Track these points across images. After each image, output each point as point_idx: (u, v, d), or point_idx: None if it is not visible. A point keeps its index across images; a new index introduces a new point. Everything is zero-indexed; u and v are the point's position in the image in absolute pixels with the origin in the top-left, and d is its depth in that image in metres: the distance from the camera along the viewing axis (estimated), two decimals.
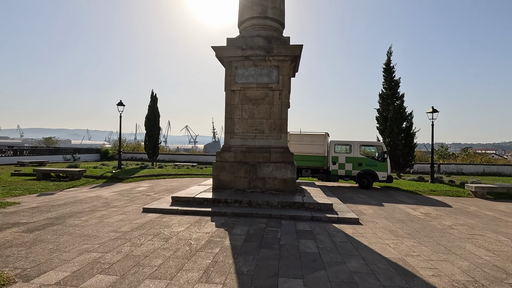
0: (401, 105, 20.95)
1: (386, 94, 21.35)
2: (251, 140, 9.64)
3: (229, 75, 9.77)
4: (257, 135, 9.62)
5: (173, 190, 11.93)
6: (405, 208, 9.44)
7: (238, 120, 9.71)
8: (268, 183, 9.22)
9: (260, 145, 9.58)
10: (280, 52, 9.35)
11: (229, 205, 8.21)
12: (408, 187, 14.75)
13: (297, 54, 9.32)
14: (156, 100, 23.23)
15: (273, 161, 9.33)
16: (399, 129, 20.38)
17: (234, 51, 9.49)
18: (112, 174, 15.70)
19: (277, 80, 9.56)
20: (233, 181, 9.35)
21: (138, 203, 8.98)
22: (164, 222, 6.83)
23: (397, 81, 21.42)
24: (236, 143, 9.70)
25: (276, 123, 9.58)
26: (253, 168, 9.27)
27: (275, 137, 9.57)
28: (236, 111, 9.72)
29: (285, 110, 9.56)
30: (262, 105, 9.62)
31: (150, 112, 22.82)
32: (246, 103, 9.68)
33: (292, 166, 9.17)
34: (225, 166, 9.42)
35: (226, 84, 9.80)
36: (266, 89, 9.60)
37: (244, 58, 9.60)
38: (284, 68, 9.57)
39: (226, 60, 9.76)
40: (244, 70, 9.70)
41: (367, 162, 14.28)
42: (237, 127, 9.72)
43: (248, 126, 9.67)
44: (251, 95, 9.65)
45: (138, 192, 11.23)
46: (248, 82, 9.64)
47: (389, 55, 21.74)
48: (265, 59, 9.53)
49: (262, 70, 9.63)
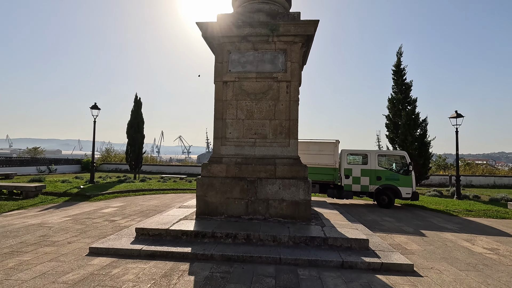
0: (414, 110, 18.87)
1: (397, 99, 19.26)
2: (249, 148, 7.18)
3: (220, 62, 7.38)
4: (258, 141, 7.18)
5: (149, 212, 9.32)
6: (457, 240, 7.00)
7: (232, 121, 7.27)
8: (272, 207, 6.72)
9: (262, 155, 7.12)
10: (289, 31, 7.02)
11: (219, 240, 5.66)
12: (435, 205, 12.37)
13: (311, 33, 7.02)
14: (140, 104, 20.71)
15: (280, 177, 6.86)
16: (413, 137, 18.20)
17: (226, 30, 7.13)
18: (79, 190, 12.98)
19: (283, 68, 7.20)
20: (225, 205, 6.82)
21: (92, 235, 6.38)
22: (115, 275, 4.26)
23: (409, 84, 19.40)
24: (229, 151, 7.23)
25: (283, 125, 7.15)
26: (252, 186, 6.78)
27: (282, 144, 7.13)
28: (229, 109, 7.29)
29: (294, 107, 7.16)
30: (264, 101, 7.22)
31: (133, 118, 20.23)
32: (242, 98, 7.27)
33: (306, 184, 6.71)
34: (214, 183, 6.90)
35: (216, 73, 7.40)
36: (269, 79, 7.22)
37: (240, 39, 7.25)
38: (294, 53, 7.23)
39: (216, 42, 7.39)
40: (240, 55, 7.33)
41: (387, 175, 11.89)
42: (230, 131, 7.27)
43: (245, 129, 7.23)
44: (249, 88, 7.25)
45: (101, 216, 8.59)
46: (245, 71, 7.26)
47: (399, 56, 19.80)
48: (268, 40, 7.19)
49: (264, 55, 7.28)
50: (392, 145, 19.92)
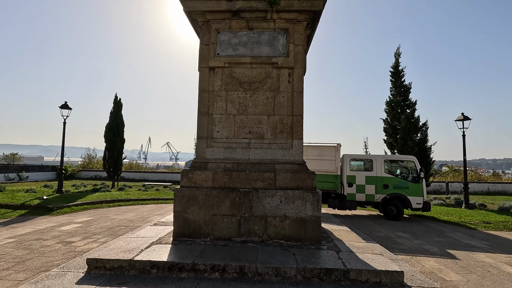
0: (413, 113, 17.89)
1: (395, 101, 18.26)
2: (242, 151, 5.71)
3: (206, 44, 5.94)
4: (253, 142, 5.72)
5: (120, 229, 7.67)
6: (497, 264, 5.69)
7: (221, 117, 5.79)
8: (272, 225, 5.24)
9: (258, 159, 5.66)
10: (292, 5, 5.67)
11: (201, 275, 4.13)
12: (446, 216, 11.16)
13: (319, 8, 5.69)
14: (121, 106, 18.94)
15: (281, 187, 5.41)
16: (414, 142, 17.16)
17: (214, 3, 5.71)
18: (41, 201, 11.11)
19: (285, 52, 5.82)
20: (210, 223, 5.30)
21: (30, 268, 4.72)
22: None
23: (408, 86, 18.47)
24: (217, 155, 5.74)
25: (285, 122, 5.73)
26: (246, 199, 5.29)
27: (283, 146, 5.70)
28: (217, 102, 5.82)
29: (298, 100, 5.77)
30: (260, 91, 5.79)
31: (112, 121, 18.42)
32: (233, 88, 5.82)
33: (314, 196, 5.27)
34: (197, 195, 5.37)
35: (201, 58, 5.94)
36: (267, 65, 5.82)
37: (232, 15, 5.84)
38: (297, 33, 5.87)
39: (202, 19, 5.95)
40: (231, 35, 5.91)
41: (395, 183, 10.62)
42: (218, 129, 5.78)
43: (237, 126, 5.77)
44: (242, 76, 5.82)
45: (56, 235, 6.88)
46: (237, 55, 5.84)
47: (397, 56, 18.90)
48: (266, 17, 5.81)
49: (261, 36, 5.88)
50: (391, 150, 18.86)
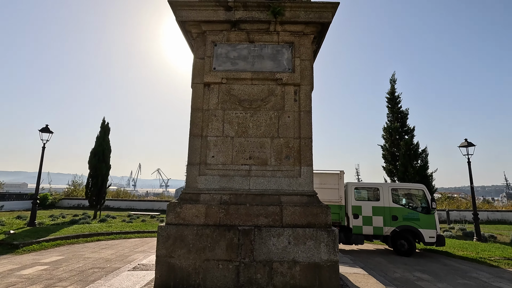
0: (412, 140, 17.48)
1: (393, 127, 17.89)
2: (241, 180, 4.81)
3: (201, 57, 5.24)
4: (254, 169, 4.84)
5: (93, 272, 6.41)
6: None
7: (216, 140, 4.95)
8: (279, 273, 4.21)
9: (260, 190, 4.75)
10: (298, 16, 5.10)
11: None
12: (461, 250, 10.19)
13: (327, 20, 5.13)
14: (108, 130, 17.94)
15: (289, 224, 4.46)
16: (414, 169, 16.55)
17: (211, 12, 5.10)
18: (6, 236, 9.70)
19: (290, 67, 5.16)
20: (202, 271, 4.24)
21: None
22: None
23: (405, 112, 18.23)
24: (211, 184, 4.81)
25: (291, 146, 4.92)
26: (247, 240, 4.30)
27: (290, 173, 4.83)
28: (213, 123, 5.00)
29: (306, 120, 5.01)
30: (262, 111, 5.03)
31: (98, 146, 17.30)
32: (232, 107, 5.05)
33: (330, 236, 4.33)
34: (186, 235, 4.36)
35: (194, 72, 5.21)
36: (270, 82, 5.12)
37: (230, 26, 5.21)
38: (303, 47, 5.25)
39: (196, 30, 5.31)
40: (230, 48, 5.25)
41: (404, 214, 9.72)
42: (213, 153, 4.91)
43: (236, 151, 4.91)
44: (241, 93, 5.08)
45: (11, 284, 5.60)
46: (236, 70, 5.14)
47: (392, 83, 18.84)
48: (268, 29, 5.21)
49: (263, 49, 5.24)
50: (390, 177, 18.17)
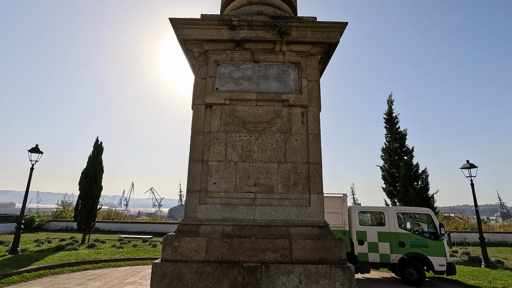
0: (411, 160, 17.29)
1: (392, 148, 17.74)
2: (245, 209, 4.39)
3: (203, 77, 4.97)
4: (259, 198, 4.44)
5: None
6: None
7: (218, 165, 4.57)
8: None
9: (267, 220, 4.33)
10: (304, 36, 4.92)
11: None
12: (472, 279, 9.68)
13: (335, 40, 4.96)
14: (101, 150, 17.43)
15: (299, 260, 4.01)
16: (415, 191, 16.24)
17: (214, 31, 4.90)
18: None
19: (297, 88, 4.91)
20: None
21: None
22: None
23: (403, 133, 18.18)
24: (212, 214, 4.38)
25: (299, 172, 4.56)
26: (252, 279, 3.83)
27: (299, 202, 4.44)
28: (215, 146, 4.65)
29: (315, 144, 4.69)
30: (268, 134, 4.71)
31: (90, 166, 16.71)
32: (235, 129, 4.72)
33: (346, 273, 3.89)
34: (184, 274, 3.87)
35: (195, 93, 4.92)
36: (276, 103, 4.84)
37: (234, 46, 5.00)
38: (310, 68, 5.04)
39: (198, 49, 5.07)
40: (234, 68, 5.00)
41: (412, 240, 9.27)
42: (215, 180, 4.52)
43: (240, 177, 4.53)
44: (246, 115, 4.77)
45: None
46: (240, 90, 4.86)
47: (390, 104, 18.93)
48: (274, 49, 5.01)
49: (268, 69, 5.00)
50: (391, 199, 17.80)
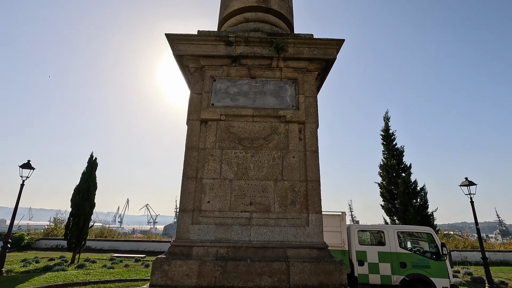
0: (409, 177, 17.16)
1: (390, 165, 17.64)
2: (240, 229, 4.18)
3: (198, 93, 4.88)
4: (255, 217, 4.24)
5: None
6: None
7: (213, 183, 4.40)
8: None
9: (263, 241, 4.11)
10: (301, 53, 4.90)
11: None
12: None
13: (332, 57, 4.94)
14: (95, 166, 17.12)
15: (297, 285, 3.77)
16: (414, 208, 16.00)
17: (210, 47, 4.86)
18: None
19: (294, 104, 4.83)
20: None
21: None
22: None
23: (400, 150, 18.15)
24: (205, 235, 4.16)
25: (297, 190, 4.39)
26: None
27: (296, 222, 4.24)
28: (209, 163, 4.49)
29: (313, 161, 4.55)
30: (265, 150, 4.57)
31: (83, 182, 16.33)
32: (231, 146, 4.59)
33: None
34: None
35: (191, 108, 4.81)
36: (272, 119, 4.74)
37: (231, 61, 4.95)
38: (307, 84, 4.99)
39: (194, 65, 5.02)
40: (230, 83, 4.93)
41: (413, 260, 8.97)
42: (209, 198, 4.33)
43: (235, 195, 4.35)
44: (242, 131, 4.66)
45: None
46: (236, 106, 4.77)
47: (386, 120, 19.02)
48: (271, 65, 4.97)
49: (265, 85, 4.94)
50: (390, 217, 17.50)
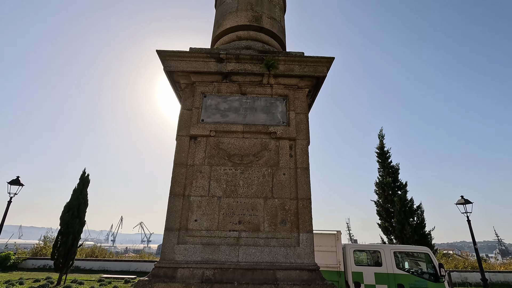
0: (405, 195, 17.02)
1: (386, 182, 17.54)
2: (228, 250, 4.02)
3: (188, 108, 4.85)
4: (244, 236, 4.09)
5: None
6: None
7: (201, 200, 4.27)
8: None
9: (252, 262, 3.94)
10: (292, 70, 4.93)
11: None
12: None
13: (322, 74, 4.97)
14: (87, 183, 16.79)
15: None
16: (411, 227, 15.75)
17: (201, 63, 4.89)
18: None
19: (285, 121, 4.80)
20: None
21: None
22: None
23: (396, 167, 18.11)
24: (192, 255, 3.98)
25: (288, 208, 4.27)
26: None
27: (286, 242, 4.09)
28: (198, 180, 4.38)
29: (303, 178, 4.46)
30: (255, 167, 4.49)
31: (74, 199, 15.95)
32: (220, 162, 4.50)
33: None
34: None
35: (180, 124, 4.76)
36: (263, 135, 4.69)
37: (222, 78, 4.96)
38: (298, 101, 4.99)
39: (185, 81, 5.02)
40: (220, 99, 4.92)
41: (411, 282, 8.69)
42: (196, 216, 4.18)
43: (224, 214, 4.21)
44: (231, 147, 4.59)
45: None
46: (226, 122, 4.73)
47: (381, 138, 19.10)
48: (262, 81, 4.98)
49: (255, 101, 4.93)
50: (387, 236, 17.18)
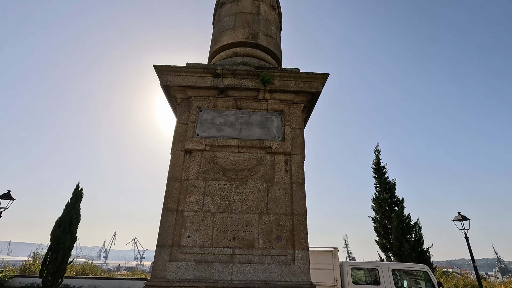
0: (403, 211, 16.91)
1: (383, 198, 17.45)
2: (221, 267, 3.90)
3: (184, 123, 4.85)
4: (238, 253, 3.99)
5: None
6: None
7: (194, 216, 4.19)
8: None
9: (246, 281, 3.82)
10: (287, 86, 4.99)
11: None
12: None
13: (317, 90, 5.04)
14: (80, 197, 16.45)
15: None
16: (409, 244, 15.55)
17: (198, 78, 4.93)
18: None
19: (280, 136, 4.81)
20: None
21: None
22: None
23: (392, 183, 18.09)
24: (184, 273, 3.86)
25: (283, 224, 4.20)
26: None
27: (282, 259, 3.99)
28: (192, 195, 4.31)
29: (299, 193, 4.42)
30: (250, 182, 4.44)
31: (66, 214, 15.55)
32: (215, 177, 4.45)
33: None
34: None
35: (175, 139, 4.74)
36: (258, 150, 4.67)
37: (218, 93, 5.00)
38: (293, 116, 5.02)
39: (181, 95, 5.05)
40: (216, 114, 4.93)
41: None
42: (189, 233, 4.09)
43: (217, 230, 4.12)
44: (227, 162, 4.56)
45: None
46: (222, 136, 4.72)
47: (377, 154, 19.19)
48: (257, 97, 5.02)
49: (251, 116, 4.94)
50: (385, 253, 16.91)
